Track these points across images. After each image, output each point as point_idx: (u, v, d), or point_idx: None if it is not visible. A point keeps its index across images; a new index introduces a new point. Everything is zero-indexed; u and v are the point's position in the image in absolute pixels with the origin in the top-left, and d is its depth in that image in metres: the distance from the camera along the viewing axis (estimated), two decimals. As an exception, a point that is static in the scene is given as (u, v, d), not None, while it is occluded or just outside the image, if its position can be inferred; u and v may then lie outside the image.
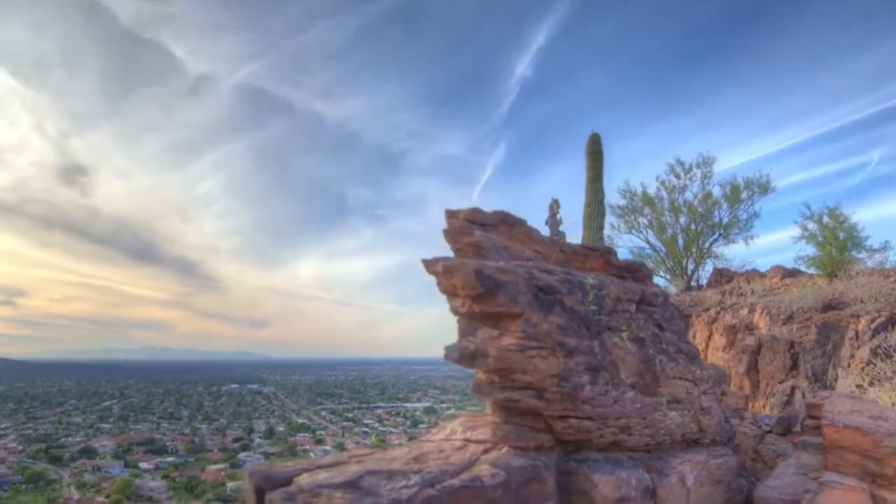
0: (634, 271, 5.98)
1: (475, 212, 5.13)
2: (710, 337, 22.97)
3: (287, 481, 3.57)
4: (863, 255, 26.60)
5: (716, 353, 21.94)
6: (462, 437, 4.45)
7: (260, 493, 3.53)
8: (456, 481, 3.59)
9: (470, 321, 4.45)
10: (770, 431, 7.61)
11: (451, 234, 4.94)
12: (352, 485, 3.43)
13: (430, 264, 4.41)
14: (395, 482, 3.50)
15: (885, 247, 26.28)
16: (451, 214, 5.14)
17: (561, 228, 20.42)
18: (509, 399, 4.24)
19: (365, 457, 4.10)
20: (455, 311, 4.44)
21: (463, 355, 4.31)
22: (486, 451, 4.13)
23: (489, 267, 4.21)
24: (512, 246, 5.16)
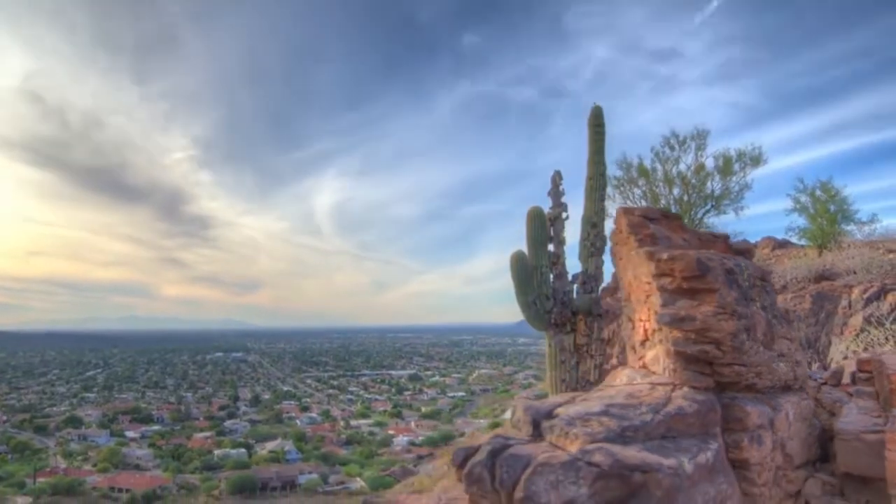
0: (745, 252, 7.47)
1: (647, 209, 6.61)
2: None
3: (550, 414, 4.91)
4: (851, 227, 28.37)
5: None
6: (645, 381, 5.90)
7: (536, 424, 4.88)
8: (671, 409, 5.01)
9: (671, 295, 5.97)
10: (825, 383, 9.17)
11: (631, 227, 6.42)
12: (606, 413, 4.79)
13: (653, 253, 5.86)
14: (631, 411, 4.87)
15: (872, 219, 28.03)
16: (627, 211, 6.65)
17: (563, 200, 21.67)
18: (702, 350, 5.77)
19: (588, 395, 5.47)
20: (662, 287, 5.95)
21: (674, 319, 5.86)
22: (672, 390, 5.60)
23: (702, 255, 5.76)
24: (671, 235, 6.63)
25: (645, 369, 6.32)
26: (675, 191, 32.95)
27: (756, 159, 31.74)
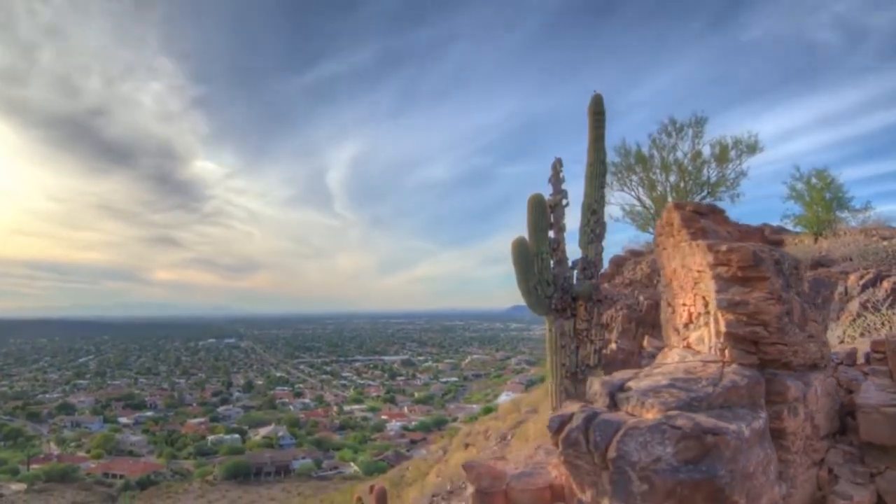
0: (779, 243, 8.11)
1: (697, 205, 7.34)
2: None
3: (622, 387, 5.56)
4: (846, 214, 29.06)
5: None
6: (696, 359, 6.57)
7: (612, 396, 5.52)
8: (727, 382, 5.67)
9: (727, 282, 6.67)
10: (841, 363, 9.87)
11: (684, 221, 7.09)
12: (673, 386, 5.46)
13: (712, 245, 6.51)
14: (694, 384, 5.53)
15: (866, 206, 28.71)
16: (679, 206, 7.33)
17: (563, 186, 22.14)
18: (752, 331, 6.46)
19: (650, 371, 6.10)
20: (717, 275, 6.62)
21: (730, 304, 6.56)
22: (723, 367, 6.25)
23: (756, 248, 6.41)
24: (717, 228, 7.32)
25: (690, 349, 6.95)
26: (672, 177, 33.28)
27: (752, 147, 32.20)
